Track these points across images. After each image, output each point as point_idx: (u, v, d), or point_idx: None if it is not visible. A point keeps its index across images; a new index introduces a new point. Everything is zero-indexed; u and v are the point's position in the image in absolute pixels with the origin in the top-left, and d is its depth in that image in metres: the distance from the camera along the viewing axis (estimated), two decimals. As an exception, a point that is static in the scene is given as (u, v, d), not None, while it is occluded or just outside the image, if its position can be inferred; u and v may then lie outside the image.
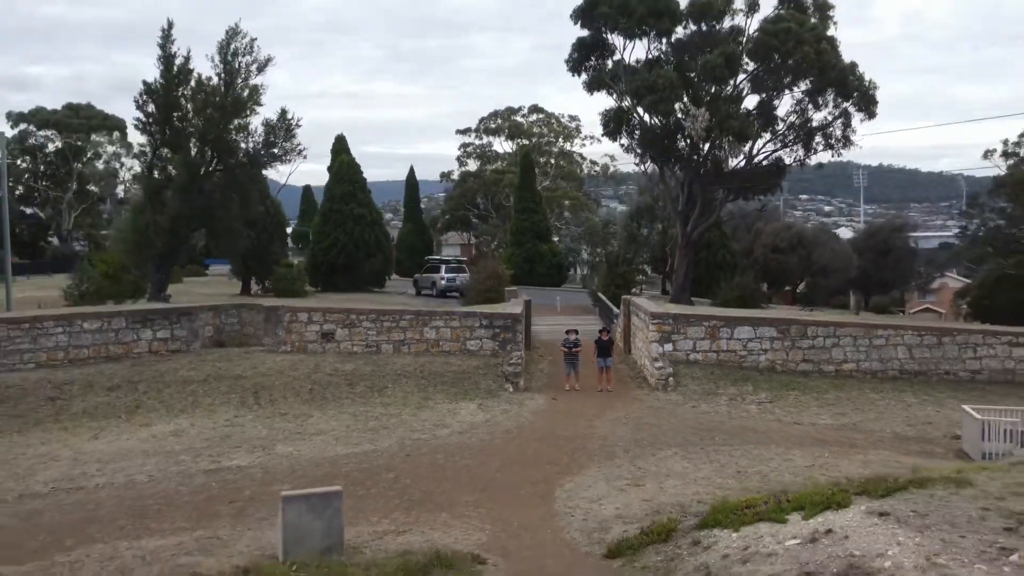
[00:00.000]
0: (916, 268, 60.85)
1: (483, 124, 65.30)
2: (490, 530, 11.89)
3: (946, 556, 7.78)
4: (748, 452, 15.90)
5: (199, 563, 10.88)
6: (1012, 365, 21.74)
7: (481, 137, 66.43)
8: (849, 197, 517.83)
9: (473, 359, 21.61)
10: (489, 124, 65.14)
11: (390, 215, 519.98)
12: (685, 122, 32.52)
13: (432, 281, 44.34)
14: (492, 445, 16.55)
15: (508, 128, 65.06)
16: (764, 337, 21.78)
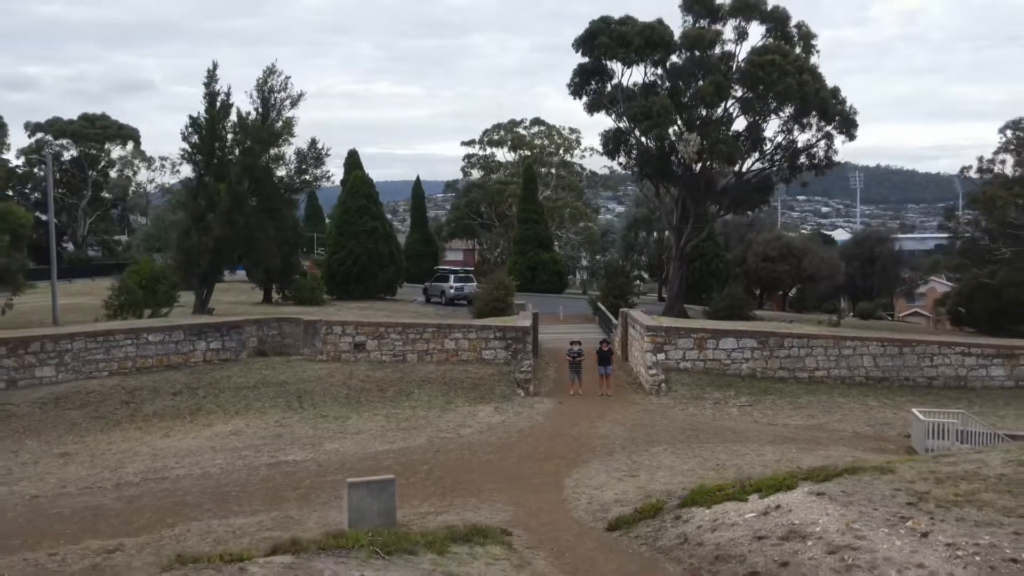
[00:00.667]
0: (901, 275, 63.59)
1: (486, 136, 68.22)
2: (512, 511, 14.62)
3: (860, 523, 10.60)
4: (727, 449, 18.68)
5: (280, 536, 13.64)
6: (964, 372, 24.55)
7: (485, 148, 69.45)
8: (847, 198, 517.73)
9: (488, 367, 24.43)
10: (492, 136, 68.03)
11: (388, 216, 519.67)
12: (678, 145, 35.36)
13: (441, 290, 47.14)
14: (509, 442, 19.31)
15: (511, 140, 67.91)
16: (746, 347, 24.61)
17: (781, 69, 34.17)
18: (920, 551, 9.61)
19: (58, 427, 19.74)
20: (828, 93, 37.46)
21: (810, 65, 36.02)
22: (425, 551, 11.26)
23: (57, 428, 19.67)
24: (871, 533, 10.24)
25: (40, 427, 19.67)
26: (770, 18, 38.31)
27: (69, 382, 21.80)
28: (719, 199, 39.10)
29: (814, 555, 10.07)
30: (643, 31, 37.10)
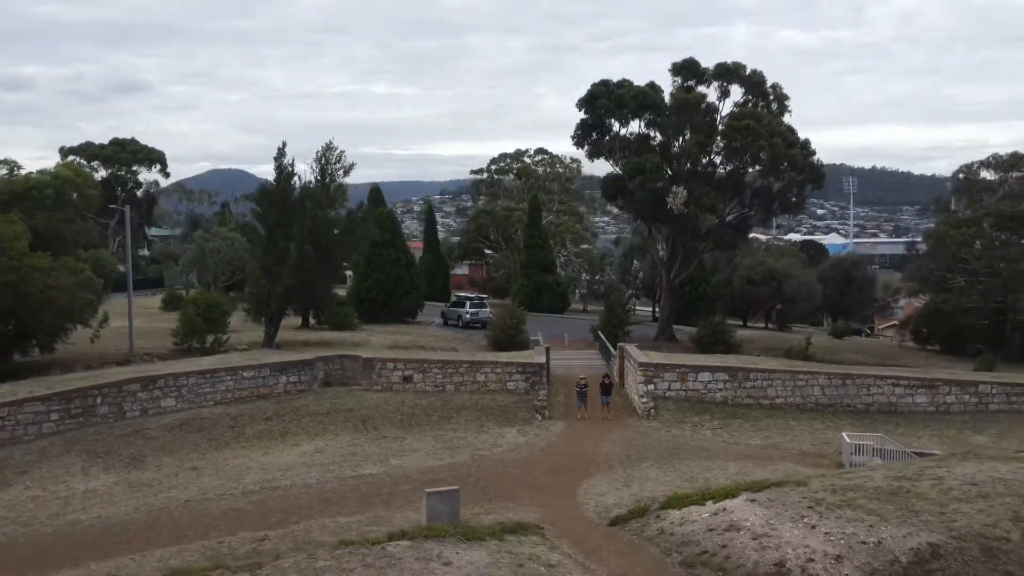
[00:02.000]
0: (874, 295, 69.38)
1: (494, 164, 74.02)
2: (540, 512, 20.32)
3: (775, 520, 16.37)
4: (700, 464, 24.44)
5: (376, 530, 19.34)
6: (895, 399, 30.37)
7: (493, 177, 75.33)
8: (843, 200, 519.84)
9: (512, 396, 30.26)
10: (500, 164, 74.00)
11: None
12: (668, 197, 41.14)
13: (458, 314, 52.91)
14: (532, 459, 25.08)
15: (516, 169, 73.85)
16: (719, 380, 30.44)
17: (755, 133, 39.98)
18: (808, 537, 15.43)
19: (184, 447, 25.48)
20: (798, 149, 43.30)
21: (782, 129, 41.79)
22: (489, 539, 16.98)
23: (184, 447, 25.41)
24: (780, 526, 16.07)
25: (171, 447, 25.41)
26: (748, 82, 44.18)
27: (186, 410, 27.52)
28: (703, 240, 44.96)
29: (743, 540, 15.87)
30: (637, 95, 42.97)
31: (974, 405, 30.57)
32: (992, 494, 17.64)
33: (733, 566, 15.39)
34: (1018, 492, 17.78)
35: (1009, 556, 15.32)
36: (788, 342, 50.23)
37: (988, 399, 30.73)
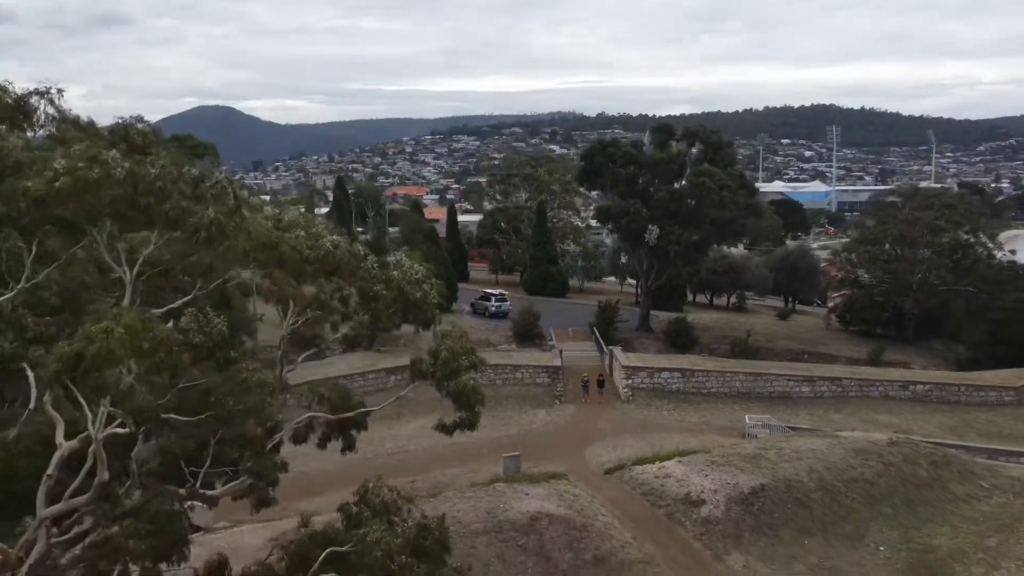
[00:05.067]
0: (818, 280, 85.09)
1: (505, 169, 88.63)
2: (565, 465, 36.15)
3: (689, 472, 32.59)
4: (658, 435, 40.33)
5: (476, 477, 35.16)
6: (787, 390, 46.35)
7: (504, 181, 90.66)
8: (831, 142, 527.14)
9: (540, 388, 46.06)
10: (511, 170, 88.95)
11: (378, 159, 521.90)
12: (645, 234, 56.44)
13: (485, 307, 68.33)
14: (556, 431, 40.94)
15: (524, 175, 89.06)
16: (674, 376, 46.30)
17: (708, 187, 55.06)
18: (704, 481, 31.54)
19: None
20: (745, 193, 58.58)
21: (729, 183, 56.64)
22: (542, 482, 32.88)
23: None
24: (691, 475, 32.14)
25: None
26: (706, 141, 59.26)
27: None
28: (673, 260, 60.46)
29: (672, 482, 31.92)
30: (625, 154, 57.97)
31: (838, 393, 46.67)
32: (804, 457, 33.76)
33: (666, 495, 31.42)
34: (819, 457, 33.92)
35: (799, 488, 31.47)
36: (739, 328, 65.98)
37: (848, 389, 46.82)
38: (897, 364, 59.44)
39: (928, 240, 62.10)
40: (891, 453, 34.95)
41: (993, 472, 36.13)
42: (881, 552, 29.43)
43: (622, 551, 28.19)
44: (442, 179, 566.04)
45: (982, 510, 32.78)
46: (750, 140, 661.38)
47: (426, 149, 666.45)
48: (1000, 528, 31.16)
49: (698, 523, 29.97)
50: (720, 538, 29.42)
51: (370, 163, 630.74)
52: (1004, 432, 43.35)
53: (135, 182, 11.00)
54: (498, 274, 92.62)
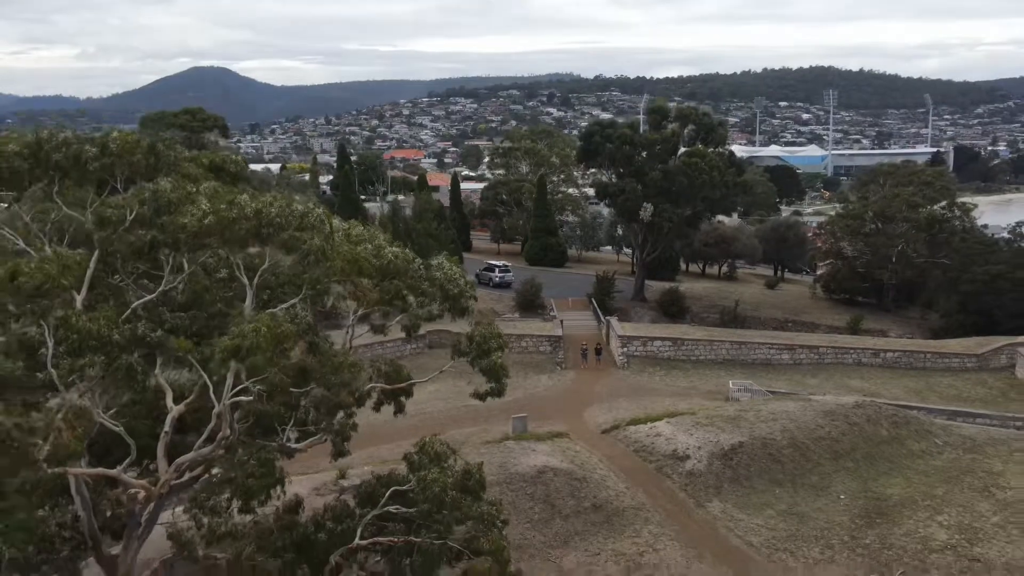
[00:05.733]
0: (806, 252, 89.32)
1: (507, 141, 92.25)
2: (566, 425, 40.53)
3: (677, 431, 37.06)
4: (650, 399, 44.71)
5: (487, 436, 39.58)
6: (769, 357, 50.66)
7: (506, 154, 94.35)
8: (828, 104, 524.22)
9: (542, 356, 50.34)
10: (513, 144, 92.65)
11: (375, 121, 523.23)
12: (639, 211, 60.40)
13: (489, 278, 72.34)
14: (558, 395, 45.30)
15: (525, 149, 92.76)
16: (666, 344, 50.56)
17: (699, 168, 58.94)
18: (689, 439, 35.98)
19: (365, 389, 45.57)
20: (734, 172, 62.44)
21: (719, 163, 60.51)
22: (547, 440, 37.27)
23: (365, 390, 45.51)
24: (678, 434, 36.57)
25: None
26: (698, 122, 62.98)
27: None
28: (665, 235, 64.50)
29: (661, 440, 36.35)
30: (621, 135, 61.70)
31: (815, 360, 51.02)
32: (779, 419, 38.17)
33: (655, 451, 35.84)
34: (792, 418, 38.33)
35: (772, 445, 35.89)
36: (728, 298, 70.30)
37: (824, 356, 51.17)
38: (875, 332, 63.88)
39: (906, 215, 66.15)
40: (856, 414, 39.38)
41: (948, 431, 40.58)
42: (842, 500, 33.91)
43: (617, 499, 32.62)
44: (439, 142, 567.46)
45: (934, 464, 37.28)
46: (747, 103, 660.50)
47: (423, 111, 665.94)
48: (947, 479, 35.69)
49: (683, 475, 34.39)
50: (702, 488, 33.85)
51: (367, 126, 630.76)
52: (963, 395, 47.81)
53: (259, 219, 14.97)
54: (500, 243, 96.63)
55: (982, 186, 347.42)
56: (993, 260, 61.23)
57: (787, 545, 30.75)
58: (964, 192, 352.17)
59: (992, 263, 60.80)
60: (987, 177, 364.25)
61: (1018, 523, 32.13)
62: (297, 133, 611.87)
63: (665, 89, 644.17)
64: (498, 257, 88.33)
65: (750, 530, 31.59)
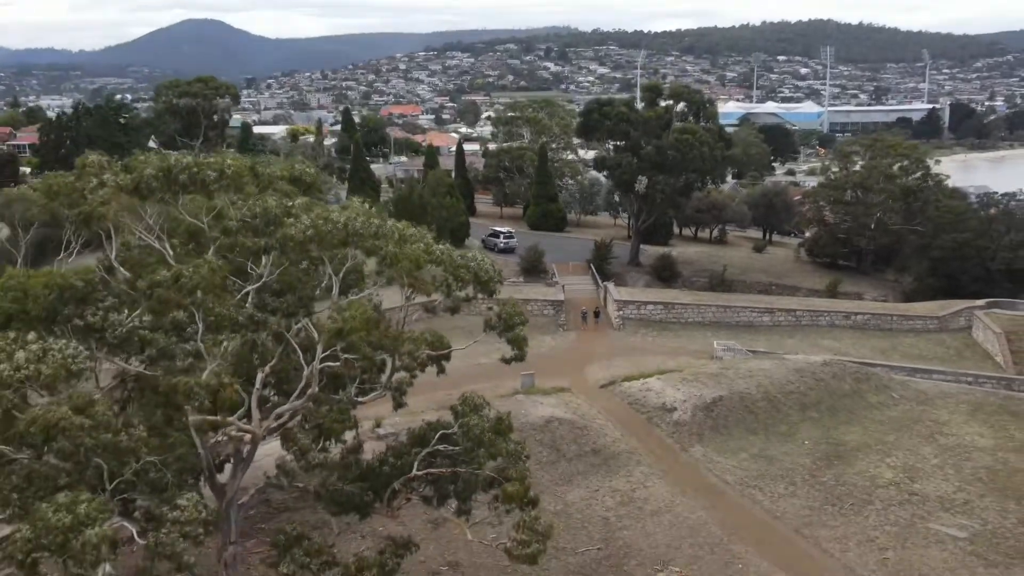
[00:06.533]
0: (792, 216, 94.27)
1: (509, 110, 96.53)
2: (568, 381, 45.86)
3: (665, 386, 42.67)
4: (643, 358, 50.11)
5: (499, 391, 45.00)
6: (751, 319, 56.02)
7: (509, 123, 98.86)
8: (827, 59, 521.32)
9: (546, 318, 55.63)
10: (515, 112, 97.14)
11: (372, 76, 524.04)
12: (635, 183, 65.33)
13: (494, 243, 77.35)
14: (561, 354, 50.69)
15: (527, 118, 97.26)
16: (658, 308, 55.89)
17: (690, 143, 63.70)
18: (676, 393, 41.59)
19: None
20: (721, 146, 67.23)
21: (707, 138, 65.23)
22: (552, 394, 42.77)
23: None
24: (667, 389, 42.14)
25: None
26: (690, 99, 67.64)
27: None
28: (659, 205, 69.53)
29: (651, 394, 41.93)
30: (618, 113, 66.34)
31: (792, 322, 56.44)
32: (755, 375, 43.69)
33: (647, 404, 41.36)
34: (766, 375, 43.83)
35: (748, 399, 41.45)
36: (718, 262, 75.45)
37: (801, 318, 56.57)
38: (852, 294, 69.29)
39: (883, 187, 71.14)
40: (823, 371, 44.93)
41: (905, 386, 46.16)
42: (806, 445, 39.53)
43: (613, 445, 38.19)
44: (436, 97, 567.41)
45: (889, 415, 42.91)
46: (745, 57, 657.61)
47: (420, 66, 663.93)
48: (899, 428, 41.34)
49: (670, 425, 39.95)
50: (686, 436, 39.42)
51: (364, 80, 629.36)
52: (924, 354, 53.32)
53: (347, 230, 20.00)
54: (502, 207, 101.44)
55: (976, 143, 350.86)
56: (961, 229, 66.32)
57: (757, 483, 36.34)
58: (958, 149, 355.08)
59: (960, 231, 65.93)
60: (982, 134, 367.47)
61: (954, 464, 37.85)
62: (294, 88, 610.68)
63: (663, 43, 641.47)
64: (500, 221, 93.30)
65: (726, 470, 37.19)
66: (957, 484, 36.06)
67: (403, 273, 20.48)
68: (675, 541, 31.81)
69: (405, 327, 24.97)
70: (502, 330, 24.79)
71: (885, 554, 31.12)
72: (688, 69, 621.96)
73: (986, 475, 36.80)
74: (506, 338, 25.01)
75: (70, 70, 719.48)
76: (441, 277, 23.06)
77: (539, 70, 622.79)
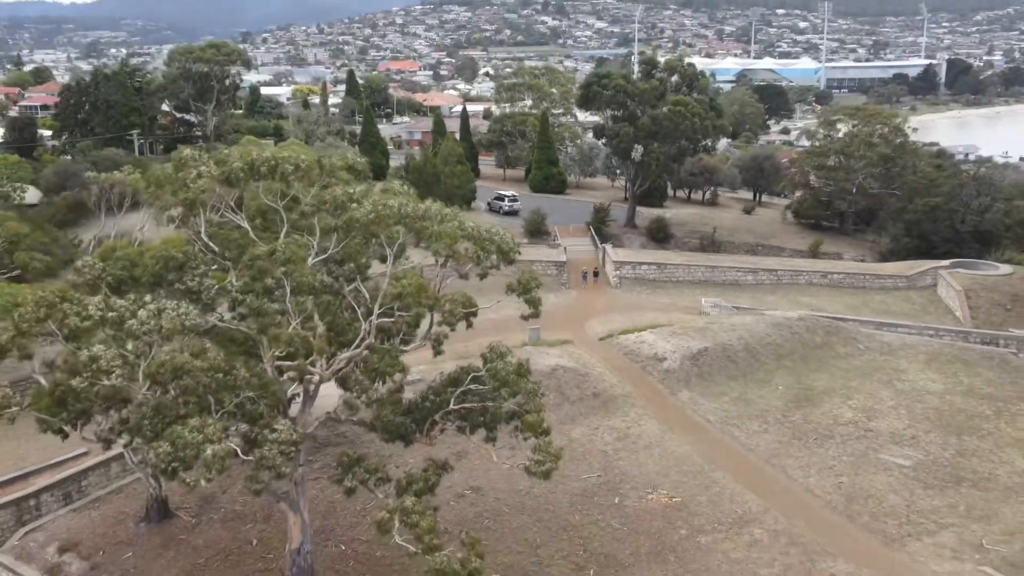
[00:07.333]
0: (780, 179, 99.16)
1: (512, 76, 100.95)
2: (571, 334, 51.39)
3: (657, 339, 48.32)
4: (638, 313, 55.56)
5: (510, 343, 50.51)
6: (736, 278, 61.40)
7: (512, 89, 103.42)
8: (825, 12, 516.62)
9: (549, 277, 60.94)
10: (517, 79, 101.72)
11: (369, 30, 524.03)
12: (631, 151, 70.23)
13: (499, 206, 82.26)
14: (563, 311, 56.10)
15: (529, 84, 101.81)
16: (651, 268, 61.22)
17: (682, 115, 68.46)
18: (667, 345, 47.22)
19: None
20: (712, 116, 72.00)
21: (699, 110, 69.94)
22: (556, 345, 48.28)
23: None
24: (659, 341, 47.75)
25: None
26: (683, 73, 72.30)
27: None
28: (655, 170, 74.54)
29: (645, 346, 47.53)
30: (616, 85, 70.91)
31: (774, 281, 61.86)
32: (737, 329, 49.27)
33: (641, 354, 46.96)
34: (747, 328, 49.44)
35: (730, 350, 47.07)
36: (709, 223, 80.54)
37: (782, 277, 62.00)
38: (832, 255, 74.65)
39: (863, 154, 76.15)
40: (798, 325, 50.46)
41: (871, 338, 51.71)
42: (779, 390, 45.17)
43: (610, 389, 43.78)
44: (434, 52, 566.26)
45: (854, 364, 48.51)
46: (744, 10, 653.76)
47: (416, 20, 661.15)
48: (861, 375, 46.98)
49: (661, 372, 45.51)
50: (675, 382, 45.01)
51: (360, 35, 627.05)
52: (891, 310, 58.82)
53: (401, 212, 25.16)
54: (505, 169, 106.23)
55: (972, 99, 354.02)
56: (934, 193, 71.42)
57: (735, 421, 42.04)
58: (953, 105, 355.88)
59: (932, 196, 71.06)
60: (977, 90, 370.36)
61: (907, 405, 43.56)
62: (290, 43, 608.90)
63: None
64: (503, 183, 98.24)
65: (709, 411, 42.85)
66: (908, 422, 41.80)
67: (444, 247, 25.67)
68: (663, 469, 37.51)
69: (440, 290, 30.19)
70: (520, 292, 29.94)
71: (840, 479, 36.90)
72: (686, 23, 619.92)
73: (934, 414, 42.53)
74: (524, 299, 30.17)
75: (62, 23, 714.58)
76: (472, 250, 28.22)
77: (536, 24, 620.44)
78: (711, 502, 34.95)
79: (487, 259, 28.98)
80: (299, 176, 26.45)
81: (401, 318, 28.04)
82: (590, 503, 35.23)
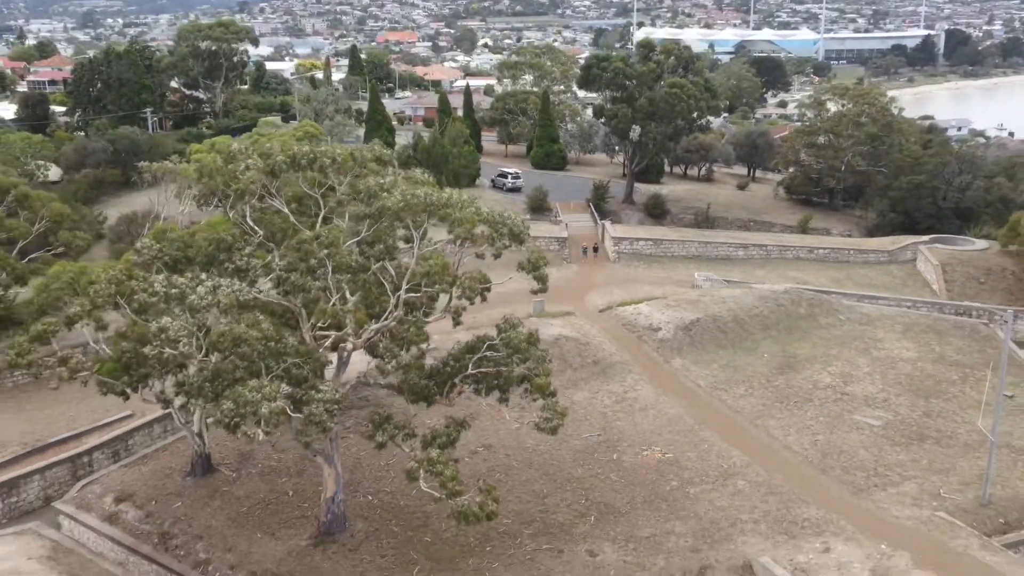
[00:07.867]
0: (773, 156, 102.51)
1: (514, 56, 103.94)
2: (573, 307, 55.07)
3: (652, 311, 52.14)
4: (635, 287, 59.26)
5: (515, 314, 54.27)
6: (728, 253, 65.04)
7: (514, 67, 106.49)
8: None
9: (551, 252, 64.49)
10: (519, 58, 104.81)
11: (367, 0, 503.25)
12: (630, 132, 73.56)
13: (503, 183, 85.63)
14: (565, 284, 59.73)
15: (531, 62, 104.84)
16: (648, 243, 64.85)
17: (679, 96, 71.75)
18: (662, 316, 51.05)
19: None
20: (707, 97, 75.29)
21: (694, 91, 73.13)
22: (560, 317, 52.04)
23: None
24: (654, 312, 51.55)
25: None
26: (680, 56, 75.48)
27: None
28: (652, 149, 77.97)
29: (641, 317, 51.33)
30: (615, 68, 74.07)
31: (763, 255, 65.54)
32: (727, 301, 53.08)
33: (637, 325, 50.74)
34: (736, 301, 53.16)
35: (720, 320, 50.91)
36: (703, 199, 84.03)
37: (771, 252, 65.67)
38: (821, 230, 78.32)
39: (851, 133, 79.52)
40: (783, 298, 54.21)
41: (852, 310, 55.46)
42: (765, 357, 49.01)
43: (609, 357, 47.59)
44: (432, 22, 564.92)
45: (835, 333, 52.32)
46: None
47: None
48: (841, 344, 50.81)
49: (656, 341, 49.31)
50: (669, 350, 48.80)
51: (359, 5, 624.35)
52: (873, 283, 62.58)
53: (427, 201, 28.76)
54: (507, 145, 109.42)
55: (970, 70, 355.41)
56: (917, 172, 74.93)
57: (723, 386, 45.90)
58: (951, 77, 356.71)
59: (916, 174, 74.58)
60: (976, 61, 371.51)
61: (881, 372, 47.45)
62: (287, 13, 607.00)
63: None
64: (505, 159, 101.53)
65: (700, 377, 46.70)
66: (881, 387, 45.72)
67: (464, 231, 29.34)
68: (657, 429, 41.42)
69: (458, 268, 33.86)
70: (530, 270, 33.63)
71: (816, 437, 40.84)
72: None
73: (905, 380, 46.46)
74: (533, 276, 33.86)
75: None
76: (488, 232, 31.85)
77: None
78: (700, 457, 38.86)
79: (500, 240, 32.57)
80: (335, 168, 29.99)
81: (425, 293, 31.72)
82: (591, 459, 39.10)
